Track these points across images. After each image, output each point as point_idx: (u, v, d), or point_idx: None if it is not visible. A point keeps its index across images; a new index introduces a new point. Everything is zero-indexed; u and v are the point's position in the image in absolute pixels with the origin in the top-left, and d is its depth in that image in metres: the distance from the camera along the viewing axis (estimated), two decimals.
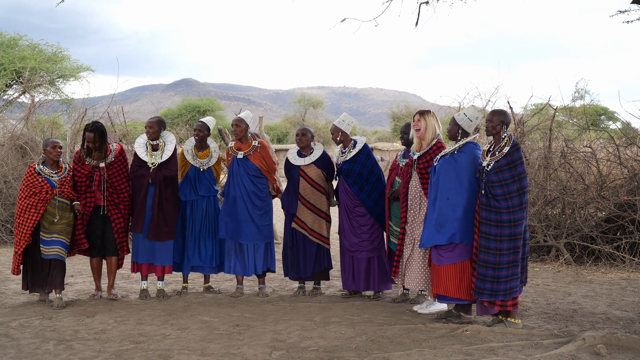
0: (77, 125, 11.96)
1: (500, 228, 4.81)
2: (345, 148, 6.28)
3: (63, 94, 20.30)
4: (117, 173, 6.13)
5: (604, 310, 5.70)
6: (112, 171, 6.10)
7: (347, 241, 6.21)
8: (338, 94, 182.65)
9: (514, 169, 4.83)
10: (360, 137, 6.37)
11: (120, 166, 6.17)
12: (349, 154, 6.18)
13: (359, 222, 6.15)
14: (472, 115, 5.21)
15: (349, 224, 6.18)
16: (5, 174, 10.25)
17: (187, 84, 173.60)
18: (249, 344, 4.59)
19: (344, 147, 6.30)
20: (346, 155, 6.20)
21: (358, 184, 6.12)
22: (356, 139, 6.29)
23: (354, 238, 6.16)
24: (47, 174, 5.88)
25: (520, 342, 4.52)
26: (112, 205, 6.10)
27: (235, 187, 6.36)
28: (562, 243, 8.28)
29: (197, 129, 6.48)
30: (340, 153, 6.31)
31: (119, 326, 5.11)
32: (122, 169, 6.18)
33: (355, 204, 6.16)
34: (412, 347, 4.44)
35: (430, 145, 5.53)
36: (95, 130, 5.99)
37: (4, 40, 20.77)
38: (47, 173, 5.88)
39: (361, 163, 6.14)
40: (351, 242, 6.17)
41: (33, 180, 5.86)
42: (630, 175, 8.59)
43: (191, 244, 6.39)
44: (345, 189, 6.19)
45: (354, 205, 6.16)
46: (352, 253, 6.18)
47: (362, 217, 6.15)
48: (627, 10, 6.12)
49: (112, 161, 6.10)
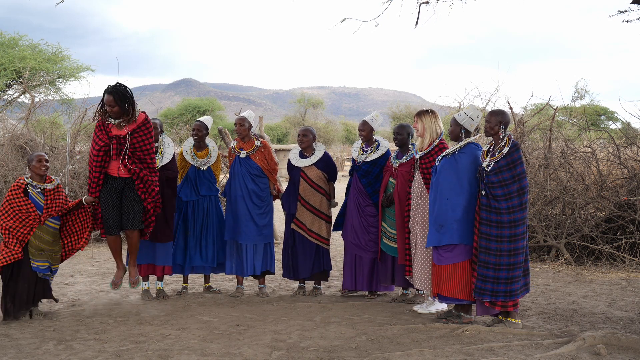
0: (77, 125, 11.97)
1: (501, 229, 4.81)
2: (367, 147, 6.26)
3: (63, 94, 20.29)
4: (142, 142, 5.47)
5: (604, 310, 5.70)
6: (136, 139, 5.44)
7: (355, 239, 6.19)
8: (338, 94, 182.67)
9: (513, 169, 4.83)
10: (384, 140, 6.36)
11: (145, 135, 5.49)
12: (370, 156, 6.17)
13: (368, 222, 6.14)
14: (473, 114, 5.21)
15: (359, 222, 6.17)
16: (5, 174, 10.25)
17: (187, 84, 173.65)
18: (249, 344, 4.59)
19: (365, 146, 6.29)
20: (367, 155, 6.18)
21: (372, 186, 6.13)
22: (380, 141, 6.27)
23: (363, 236, 6.15)
24: (34, 195, 5.32)
25: (520, 342, 4.52)
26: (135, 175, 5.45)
27: (236, 187, 6.36)
28: (562, 243, 8.28)
29: (196, 128, 6.48)
30: (362, 151, 6.29)
31: (119, 326, 5.11)
32: (147, 138, 5.50)
33: (366, 203, 6.15)
34: (412, 347, 4.43)
35: (433, 146, 5.53)
36: (113, 92, 5.35)
37: (4, 40, 20.76)
38: (34, 194, 5.32)
39: (380, 167, 6.15)
40: (360, 240, 6.16)
41: (17, 200, 5.28)
42: (630, 175, 8.59)
43: (192, 244, 6.39)
44: (359, 187, 6.19)
45: (365, 204, 6.16)
46: (358, 252, 6.17)
47: (372, 217, 6.15)
48: (627, 10, 6.12)
49: (134, 129, 5.45)
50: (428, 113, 5.61)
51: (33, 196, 5.33)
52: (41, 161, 5.36)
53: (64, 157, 10.73)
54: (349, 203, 6.31)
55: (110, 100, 5.34)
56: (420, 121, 5.59)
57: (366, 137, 6.25)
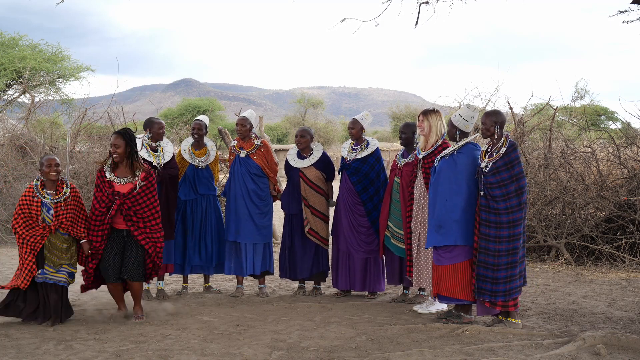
0: (77, 126, 11.97)
1: (499, 229, 4.81)
2: (357, 145, 6.27)
3: (63, 94, 20.28)
4: (143, 199, 5.25)
5: (604, 310, 5.70)
6: (137, 197, 5.23)
7: (344, 240, 6.20)
8: (338, 94, 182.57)
9: (511, 169, 4.83)
10: (374, 139, 6.38)
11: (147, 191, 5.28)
12: (360, 153, 6.18)
13: (358, 222, 6.15)
14: (467, 115, 5.21)
15: (348, 222, 6.17)
16: (5, 174, 10.26)
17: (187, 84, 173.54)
18: (249, 344, 4.59)
19: (355, 144, 6.29)
20: (357, 153, 6.20)
21: (362, 184, 6.13)
22: (369, 140, 6.28)
23: (352, 237, 6.15)
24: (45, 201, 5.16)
25: (520, 342, 4.52)
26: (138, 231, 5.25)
27: (236, 186, 6.37)
28: (562, 243, 8.28)
29: (196, 127, 6.50)
30: (351, 149, 6.30)
31: (119, 326, 5.11)
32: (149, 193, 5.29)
33: (355, 202, 6.15)
34: (412, 347, 4.44)
35: (436, 146, 5.52)
36: (122, 133, 5.21)
37: (4, 40, 20.76)
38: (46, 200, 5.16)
39: (370, 165, 6.15)
40: (349, 241, 6.16)
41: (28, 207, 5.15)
42: (630, 175, 8.59)
43: (192, 244, 6.39)
44: (348, 186, 6.19)
45: (354, 203, 6.16)
46: (349, 252, 6.17)
47: (362, 216, 6.15)
48: (627, 10, 6.12)
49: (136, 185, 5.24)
50: (434, 112, 5.58)
51: (45, 202, 5.17)
52: (51, 166, 5.15)
53: (64, 157, 10.72)
54: (338, 202, 6.31)
55: (117, 141, 5.16)
56: (426, 120, 5.57)
57: (355, 136, 6.26)
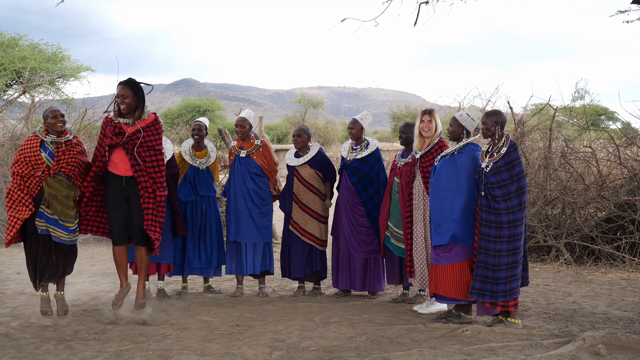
0: (77, 125, 11.97)
1: (500, 229, 4.81)
2: (357, 145, 6.27)
3: (63, 94, 20.27)
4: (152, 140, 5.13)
5: (604, 310, 5.70)
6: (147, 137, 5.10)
7: (344, 240, 6.20)
8: (338, 94, 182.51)
9: (512, 169, 4.83)
10: (374, 139, 6.38)
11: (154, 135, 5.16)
12: (360, 153, 6.19)
13: (358, 222, 6.15)
14: (474, 115, 5.21)
15: (348, 222, 6.17)
16: (5, 173, 10.25)
17: (187, 84, 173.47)
18: (249, 344, 4.59)
19: (355, 144, 6.29)
20: (357, 153, 6.20)
21: (362, 183, 6.13)
22: (369, 140, 6.29)
23: (352, 237, 6.15)
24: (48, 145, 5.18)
25: (520, 342, 4.52)
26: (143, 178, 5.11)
27: (236, 186, 6.37)
28: (562, 243, 8.28)
29: (196, 128, 6.51)
30: (351, 149, 6.30)
31: (119, 326, 5.11)
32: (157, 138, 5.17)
33: (355, 202, 6.16)
34: (412, 347, 4.44)
35: (432, 144, 5.53)
36: (129, 84, 5.10)
37: (4, 40, 20.75)
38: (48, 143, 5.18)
39: (370, 165, 6.16)
40: (349, 241, 6.16)
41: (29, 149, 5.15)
42: (630, 175, 8.59)
43: (191, 246, 6.39)
44: (348, 185, 6.19)
45: (354, 203, 6.16)
46: (349, 252, 6.17)
47: (362, 216, 6.15)
48: (627, 10, 6.12)
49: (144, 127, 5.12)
50: (435, 111, 5.59)
51: (46, 145, 5.20)
52: (56, 117, 5.17)
53: None
54: (338, 202, 6.31)
55: (124, 92, 5.06)
56: (433, 120, 5.56)
57: (355, 136, 6.27)
